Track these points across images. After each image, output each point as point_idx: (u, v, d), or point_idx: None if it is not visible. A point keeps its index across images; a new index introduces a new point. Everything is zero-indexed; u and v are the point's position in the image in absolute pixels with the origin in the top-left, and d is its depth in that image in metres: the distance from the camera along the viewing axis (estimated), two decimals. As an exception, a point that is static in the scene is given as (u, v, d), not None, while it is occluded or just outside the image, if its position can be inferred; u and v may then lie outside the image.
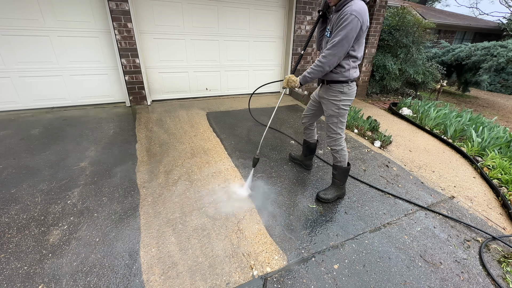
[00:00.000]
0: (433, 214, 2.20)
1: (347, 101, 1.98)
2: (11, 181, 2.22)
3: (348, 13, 1.65)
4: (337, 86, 1.93)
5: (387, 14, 6.21)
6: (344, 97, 1.95)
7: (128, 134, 3.21)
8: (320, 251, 1.73)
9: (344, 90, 1.93)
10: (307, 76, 1.90)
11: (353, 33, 1.69)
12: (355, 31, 1.68)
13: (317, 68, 1.83)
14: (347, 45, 1.73)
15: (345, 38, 1.69)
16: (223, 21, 4.49)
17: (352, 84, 1.94)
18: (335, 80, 1.91)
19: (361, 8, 1.67)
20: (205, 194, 2.21)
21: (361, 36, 1.76)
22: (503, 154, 3.22)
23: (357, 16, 1.64)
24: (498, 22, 14.23)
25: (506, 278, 1.66)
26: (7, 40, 3.39)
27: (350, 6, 1.66)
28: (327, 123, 2.09)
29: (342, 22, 1.67)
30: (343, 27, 1.67)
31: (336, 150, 2.11)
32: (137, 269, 1.52)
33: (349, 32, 1.67)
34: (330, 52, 1.75)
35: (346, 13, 1.66)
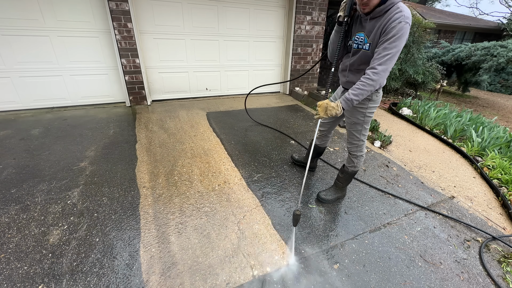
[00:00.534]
0: (433, 214, 2.20)
1: (373, 108, 1.84)
2: (11, 181, 2.22)
3: (402, 21, 1.41)
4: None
5: (387, 14, 6.19)
6: (371, 105, 1.81)
7: (128, 134, 3.21)
8: (320, 251, 1.73)
9: (373, 97, 1.78)
10: (354, 99, 1.58)
11: (403, 43, 1.48)
12: (405, 39, 1.47)
13: (368, 87, 1.54)
14: (396, 59, 1.52)
15: (399, 51, 1.48)
16: (223, 21, 4.49)
17: (380, 90, 1.80)
18: None
19: (409, 13, 1.46)
20: (205, 194, 2.21)
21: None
22: (503, 154, 3.22)
23: (410, 23, 1.44)
24: (498, 22, 14.22)
25: (506, 278, 1.66)
26: (7, 40, 3.39)
27: (401, 12, 1.42)
28: (350, 131, 1.96)
29: (396, 33, 1.42)
30: (397, 38, 1.43)
31: (356, 156, 2.00)
32: (137, 269, 1.52)
33: (402, 43, 1.46)
34: (384, 67, 1.49)
35: (400, 21, 1.41)
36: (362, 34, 1.62)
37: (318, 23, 5.02)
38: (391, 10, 1.45)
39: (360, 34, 1.63)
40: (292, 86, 5.43)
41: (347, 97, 1.59)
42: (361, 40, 1.63)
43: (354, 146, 1.98)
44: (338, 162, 2.87)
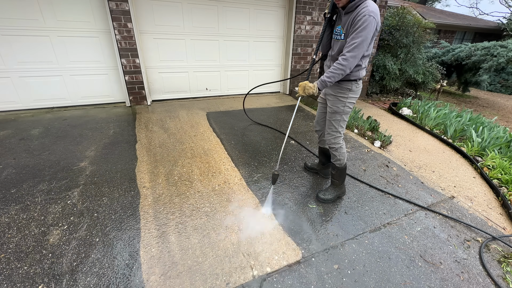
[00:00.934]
0: (433, 214, 2.20)
1: (353, 98, 2.01)
2: (11, 181, 2.22)
3: (366, 14, 1.65)
4: (346, 84, 1.95)
5: (387, 14, 6.21)
6: (351, 95, 1.98)
7: (128, 134, 3.21)
8: (320, 251, 1.73)
9: (353, 88, 1.96)
10: (327, 81, 1.82)
11: (371, 34, 1.72)
12: (372, 31, 1.71)
13: (338, 71, 1.77)
14: (365, 47, 1.75)
15: (365, 40, 1.71)
16: (223, 21, 4.49)
17: (359, 82, 1.98)
18: (346, 79, 1.91)
19: (376, 8, 1.69)
20: (205, 194, 2.21)
21: (374, 36, 1.79)
22: (503, 154, 3.22)
23: (375, 17, 1.66)
24: (498, 22, 14.22)
25: (506, 278, 1.66)
26: (7, 40, 3.39)
27: (366, 7, 1.66)
28: (330, 120, 2.09)
29: (361, 24, 1.67)
30: (362, 29, 1.67)
31: (335, 148, 2.11)
32: (137, 269, 1.52)
33: (368, 33, 1.69)
34: (352, 54, 1.73)
35: (364, 14, 1.65)
36: (340, 27, 1.86)
37: (318, 23, 5.02)
38: (360, 6, 1.69)
39: (339, 27, 1.87)
40: (292, 86, 5.43)
41: (321, 79, 1.83)
42: (339, 32, 1.87)
43: (332, 138, 2.10)
44: (338, 162, 2.87)
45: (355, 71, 1.89)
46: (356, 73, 1.89)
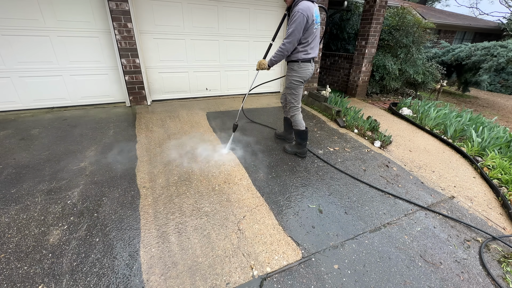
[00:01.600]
0: (433, 214, 2.20)
1: (297, 77, 2.56)
2: (11, 181, 2.22)
3: (296, 11, 2.24)
4: (291, 65, 2.56)
5: (387, 14, 6.21)
6: (295, 74, 2.55)
7: (128, 134, 3.21)
8: (320, 251, 1.73)
9: (295, 68, 2.53)
10: (273, 60, 2.48)
11: (301, 25, 2.26)
12: (303, 23, 2.26)
13: (279, 53, 2.41)
14: (298, 35, 2.30)
15: (295, 29, 2.27)
16: (223, 21, 4.49)
17: (302, 64, 2.50)
18: (289, 60, 2.54)
19: (305, 6, 2.24)
20: (205, 194, 2.21)
21: (310, 28, 2.33)
22: (503, 154, 3.22)
23: (303, 13, 2.22)
24: (498, 22, 14.23)
25: (506, 278, 1.66)
26: (7, 40, 3.39)
27: (297, 6, 2.26)
28: (286, 93, 2.75)
29: (292, 18, 2.27)
30: (293, 22, 2.26)
31: (291, 115, 2.76)
32: (137, 269, 1.52)
33: (297, 25, 2.26)
34: (287, 40, 2.33)
35: (295, 11, 2.25)
36: None
37: (318, 23, 5.01)
38: (296, 5, 2.28)
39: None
40: (292, 86, 5.42)
41: (270, 58, 2.50)
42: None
43: (289, 107, 2.76)
44: (338, 162, 2.87)
45: (294, 53, 2.45)
46: (296, 55, 2.46)
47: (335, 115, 4.05)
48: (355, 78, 6.00)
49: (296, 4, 2.28)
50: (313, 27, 2.34)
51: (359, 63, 5.81)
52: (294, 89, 2.62)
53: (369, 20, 5.40)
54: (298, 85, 2.59)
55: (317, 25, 2.38)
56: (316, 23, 2.37)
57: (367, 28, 5.45)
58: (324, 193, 2.34)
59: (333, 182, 2.52)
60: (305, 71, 2.52)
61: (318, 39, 2.53)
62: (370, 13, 5.34)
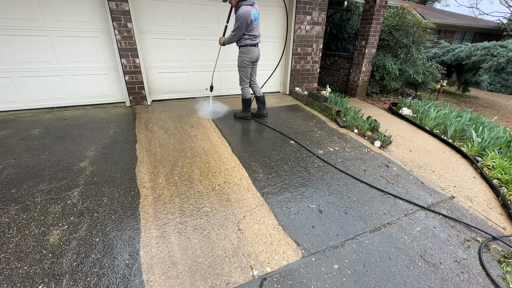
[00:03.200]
0: (433, 214, 2.20)
1: (246, 58, 3.44)
2: (11, 181, 2.22)
3: (238, 14, 3.11)
4: (242, 48, 3.43)
5: (387, 14, 6.21)
6: (245, 55, 3.43)
7: (128, 134, 3.21)
8: (320, 251, 1.73)
9: (245, 51, 3.41)
10: (225, 42, 3.46)
11: (242, 25, 3.15)
12: (243, 24, 3.15)
13: (229, 40, 3.38)
14: (241, 31, 3.23)
15: (238, 28, 3.19)
16: (223, 21, 4.48)
17: (250, 48, 3.39)
18: (240, 45, 3.42)
19: (245, 11, 3.08)
20: (205, 194, 2.21)
21: (250, 24, 3.21)
22: (503, 154, 3.22)
23: (243, 16, 3.09)
24: (498, 22, 14.23)
25: (506, 278, 1.66)
26: (7, 40, 3.39)
27: (239, 10, 3.10)
28: (238, 71, 3.58)
29: (236, 19, 3.15)
30: (237, 22, 3.16)
31: (241, 88, 3.66)
32: (137, 269, 1.52)
33: (239, 24, 3.15)
34: (233, 34, 3.29)
35: (238, 14, 3.12)
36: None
37: (318, 23, 5.02)
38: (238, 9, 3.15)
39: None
40: (292, 86, 5.43)
41: (225, 39, 3.46)
42: None
43: (240, 81, 3.65)
44: (338, 162, 2.87)
45: (243, 40, 3.34)
46: (245, 42, 3.34)
47: (335, 115, 4.05)
48: (355, 78, 6.00)
49: (238, 8, 3.12)
50: (252, 24, 3.23)
51: (359, 63, 5.81)
52: (244, 67, 3.49)
53: (369, 20, 5.40)
54: (248, 64, 3.47)
55: (256, 21, 3.27)
56: (255, 20, 3.25)
57: (367, 28, 5.46)
58: (324, 193, 2.34)
59: (333, 182, 2.52)
60: (253, 54, 3.43)
61: (259, 29, 3.39)
62: (370, 13, 5.34)
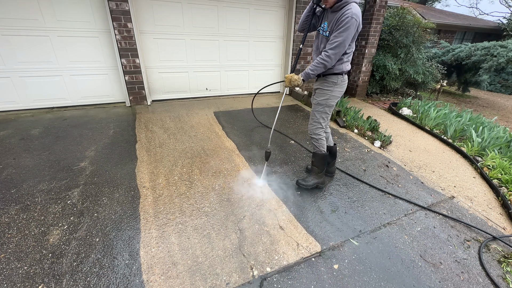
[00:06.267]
0: (433, 214, 2.20)
1: (338, 92, 2.14)
2: (11, 181, 2.22)
3: (349, 16, 1.78)
4: (332, 78, 2.09)
5: (387, 14, 6.20)
6: (337, 88, 2.12)
7: (128, 134, 3.21)
8: (320, 251, 1.73)
9: (338, 81, 2.10)
10: (310, 73, 2.02)
11: (352, 34, 1.86)
12: (353, 32, 1.85)
13: (320, 65, 1.95)
14: (347, 45, 1.90)
15: (346, 39, 1.85)
16: (223, 21, 4.49)
17: (344, 76, 2.12)
18: (331, 73, 2.07)
19: (359, 11, 1.84)
20: (205, 194, 2.21)
21: (356, 35, 1.93)
22: (503, 154, 3.22)
23: (357, 20, 1.81)
24: (498, 22, 14.22)
25: (506, 278, 1.66)
26: (7, 40, 3.39)
27: (350, 9, 1.79)
28: (313, 111, 2.24)
29: (344, 25, 1.80)
30: (345, 30, 1.81)
31: (315, 139, 2.25)
32: (137, 269, 1.52)
33: (349, 34, 1.84)
34: (334, 52, 1.89)
35: (348, 16, 1.78)
36: (326, 23, 1.98)
37: (318, 23, 5.01)
38: (345, 8, 1.82)
39: (325, 23, 1.99)
40: (292, 86, 5.42)
41: (305, 72, 2.03)
42: (325, 28, 1.99)
43: (313, 127, 2.24)
44: (338, 161, 2.87)
45: (337, 65, 2.03)
46: (339, 67, 2.03)
47: (335, 115, 4.05)
48: (355, 78, 6.00)
49: (346, 5, 1.82)
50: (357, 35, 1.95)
51: (359, 63, 5.81)
52: (329, 107, 2.17)
53: (369, 20, 5.40)
54: (335, 102, 2.17)
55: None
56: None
57: (367, 28, 5.45)
58: (324, 193, 2.34)
59: (333, 182, 2.51)
60: (345, 85, 2.16)
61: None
62: (370, 13, 5.34)
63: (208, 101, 4.72)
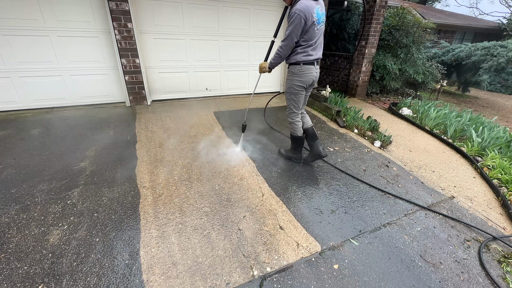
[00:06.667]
0: (433, 214, 2.20)
1: (298, 81, 2.35)
2: (11, 181, 2.22)
3: (293, 11, 2.04)
4: (291, 68, 2.35)
5: (387, 14, 6.20)
6: (296, 77, 2.34)
7: (128, 134, 3.21)
8: (320, 251, 1.73)
9: (296, 71, 2.31)
10: (272, 62, 2.35)
11: (298, 27, 2.08)
12: (300, 26, 2.07)
13: (277, 55, 2.28)
14: (295, 38, 2.13)
15: (292, 32, 2.10)
16: (223, 21, 4.49)
17: (304, 67, 2.28)
18: (290, 63, 2.34)
19: (304, 6, 2.03)
20: (205, 194, 2.21)
21: (311, 28, 2.12)
22: (503, 154, 3.22)
23: (300, 14, 2.02)
24: (498, 22, 14.22)
25: (506, 278, 1.66)
26: (7, 40, 3.39)
27: (296, 6, 2.05)
28: (286, 98, 2.53)
29: (290, 19, 2.09)
30: (290, 23, 2.09)
31: (289, 122, 2.59)
32: (137, 269, 1.52)
33: (294, 27, 2.08)
34: (284, 43, 2.19)
35: (293, 11, 2.05)
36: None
37: (318, 23, 5.01)
38: (294, 4, 2.09)
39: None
40: (292, 86, 5.42)
41: (269, 61, 2.38)
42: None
43: (287, 112, 2.58)
44: (338, 162, 2.87)
45: (293, 56, 2.27)
46: (294, 57, 2.26)
47: (335, 115, 4.05)
48: (355, 78, 6.00)
49: (295, 3, 2.08)
50: (314, 28, 2.12)
51: (359, 63, 5.81)
52: (294, 95, 2.40)
53: (369, 20, 5.40)
54: (299, 90, 2.37)
55: (319, 25, 2.17)
56: (319, 23, 2.16)
57: (367, 28, 5.45)
58: (324, 193, 2.34)
59: (333, 182, 2.52)
60: (307, 75, 2.30)
61: (321, 39, 2.28)
62: (370, 13, 5.34)
63: (208, 101, 4.72)
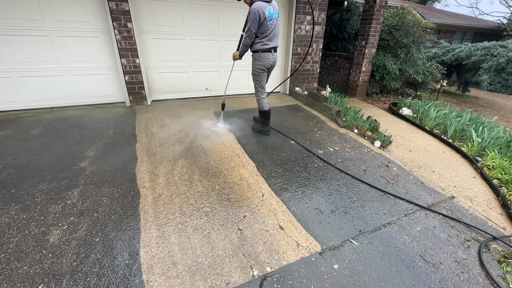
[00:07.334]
0: (433, 214, 2.20)
1: (259, 65, 3.00)
2: (11, 181, 2.22)
3: (250, 10, 2.67)
4: (253, 55, 3.01)
5: (387, 14, 6.21)
6: (257, 62, 3.00)
7: (128, 134, 3.21)
8: (320, 251, 1.73)
9: (256, 57, 2.98)
10: (241, 51, 2.99)
11: (254, 22, 2.68)
12: (256, 21, 2.68)
13: (242, 45, 2.94)
14: (253, 30, 2.75)
15: (250, 26, 2.73)
16: (223, 21, 4.49)
17: (262, 54, 2.93)
18: (252, 50, 2.99)
19: (257, 6, 2.66)
20: (205, 194, 2.21)
21: (264, 24, 2.75)
22: (503, 154, 3.22)
23: (254, 11, 2.64)
24: (498, 22, 14.22)
25: (506, 278, 1.66)
26: (7, 40, 3.39)
27: (252, 6, 2.68)
28: (252, 79, 3.17)
29: (248, 16, 2.71)
30: (248, 20, 2.72)
31: (257, 99, 3.22)
32: (137, 269, 1.52)
33: (252, 23, 2.70)
34: (246, 35, 2.82)
35: (250, 10, 2.68)
36: None
37: (318, 23, 5.02)
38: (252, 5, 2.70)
39: None
40: (292, 86, 5.43)
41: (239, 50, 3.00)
42: None
43: (255, 91, 3.21)
44: (338, 162, 2.87)
45: (253, 45, 2.91)
46: (255, 46, 2.91)
47: (335, 115, 4.05)
48: (355, 78, 6.01)
49: (251, 4, 2.74)
50: (267, 23, 2.76)
51: (359, 63, 5.81)
52: (257, 76, 3.08)
53: (369, 20, 5.40)
54: (261, 72, 3.04)
55: (272, 21, 2.79)
56: (271, 19, 2.77)
57: (367, 28, 5.46)
58: (324, 193, 2.34)
59: (333, 182, 2.52)
60: (266, 60, 2.96)
61: (276, 32, 2.92)
62: (370, 13, 5.34)
63: (208, 101, 4.71)
